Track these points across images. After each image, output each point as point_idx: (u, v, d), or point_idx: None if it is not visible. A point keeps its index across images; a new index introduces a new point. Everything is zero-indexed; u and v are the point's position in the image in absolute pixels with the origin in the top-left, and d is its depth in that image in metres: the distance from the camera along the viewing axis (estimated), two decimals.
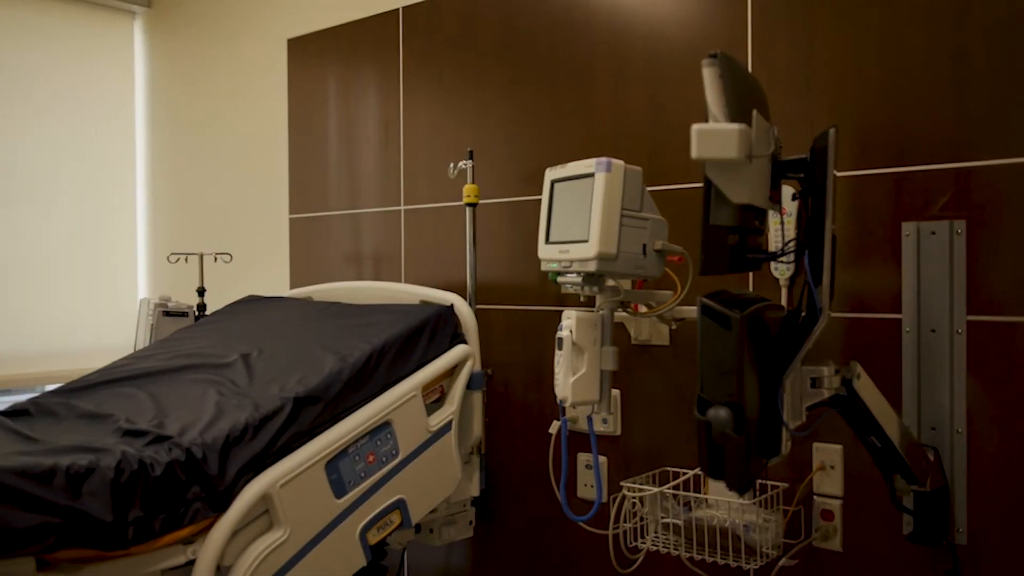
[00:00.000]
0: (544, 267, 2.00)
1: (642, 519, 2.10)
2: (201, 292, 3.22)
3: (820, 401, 1.67)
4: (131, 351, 3.56)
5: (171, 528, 1.68)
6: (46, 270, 3.69)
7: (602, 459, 2.42)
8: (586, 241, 1.85)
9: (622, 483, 2.12)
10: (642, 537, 2.10)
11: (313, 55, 3.25)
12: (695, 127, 1.32)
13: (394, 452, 2.11)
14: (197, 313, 3.17)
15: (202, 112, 3.76)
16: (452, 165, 2.69)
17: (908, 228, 1.91)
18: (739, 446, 1.47)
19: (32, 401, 2.15)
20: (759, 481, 2.07)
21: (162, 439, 1.75)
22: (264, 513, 1.86)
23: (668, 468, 2.28)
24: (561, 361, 1.96)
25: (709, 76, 1.40)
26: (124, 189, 3.97)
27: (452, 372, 2.34)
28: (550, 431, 2.49)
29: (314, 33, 3.24)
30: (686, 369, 2.29)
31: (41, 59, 3.70)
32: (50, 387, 2.79)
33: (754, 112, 1.40)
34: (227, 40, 3.64)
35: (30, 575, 1.53)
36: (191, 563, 1.73)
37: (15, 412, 2.09)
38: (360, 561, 2.03)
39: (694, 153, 1.33)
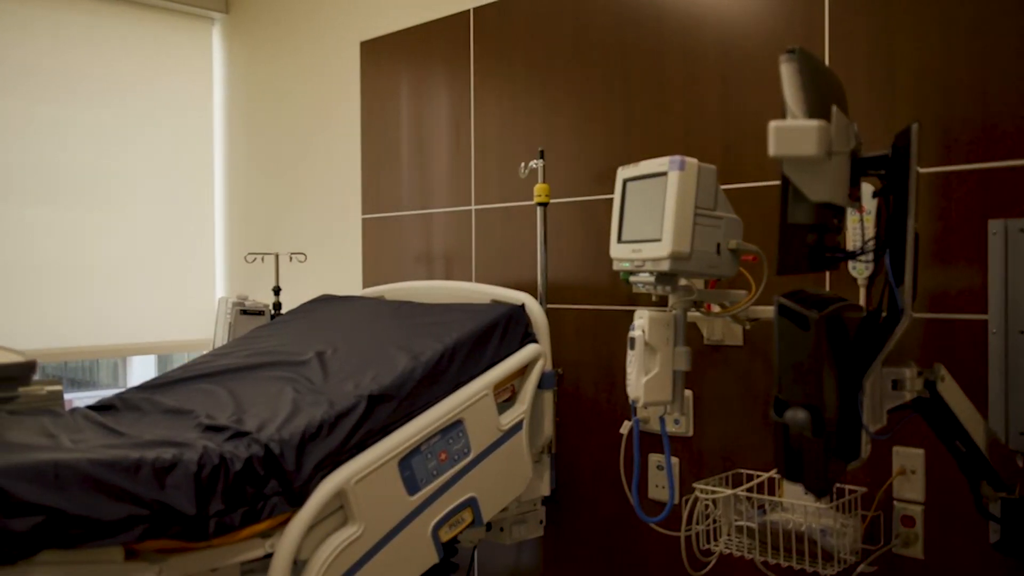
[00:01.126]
0: (616, 266, 1.99)
1: (715, 521, 2.07)
2: (277, 291, 3.29)
3: (901, 404, 1.62)
4: (210, 348, 3.66)
5: (250, 522, 1.71)
6: (130, 269, 3.81)
7: (674, 460, 2.40)
8: (659, 240, 1.83)
9: (695, 484, 2.09)
10: (715, 539, 2.07)
11: (385, 57, 3.29)
12: (773, 124, 1.29)
13: (466, 450, 2.13)
14: (273, 312, 3.23)
15: (277, 115, 3.84)
16: (523, 165, 2.70)
17: (995, 226, 1.85)
18: (818, 448, 1.44)
19: (118, 396, 2.23)
20: (836, 485, 2.03)
21: (241, 435, 1.79)
22: (339, 509, 1.88)
23: (741, 470, 2.25)
24: (633, 361, 1.95)
25: (787, 72, 1.37)
26: (203, 191, 4.08)
27: (523, 371, 2.34)
28: (621, 431, 2.48)
29: (386, 35, 3.28)
30: (760, 370, 2.26)
31: (125, 67, 3.82)
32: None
33: (833, 108, 1.37)
34: (301, 44, 3.71)
35: (119, 564, 1.58)
36: (269, 556, 1.77)
37: (102, 407, 2.16)
38: (432, 558, 2.05)
39: (772, 151, 1.31)
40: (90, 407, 2.16)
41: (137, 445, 1.70)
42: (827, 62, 2.11)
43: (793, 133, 1.32)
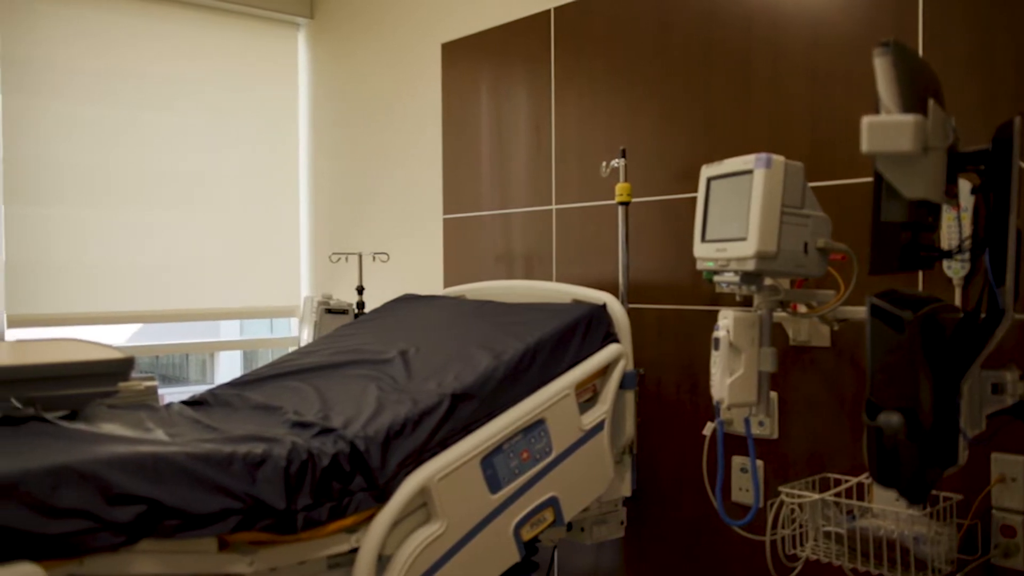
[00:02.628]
0: (700, 266, 1.97)
1: (801, 526, 2.03)
2: (360, 290, 3.35)
3: (1002, 409, 1.57)
4: (296, 346, 3.75)
5: (336, 517, 1.74)
6: (219, 268, 3.93)
7: (758, 463, 2.36)
8: (744, 239, 1.81)
9: (780, 488, 2.05)
10: (801, 545, 2.03)
11: (466, 58, 3.32)
12: (866, 119, 1.26)
13: (547, 450, 2.13)
14: (356, 311, 3.29)
15: (360, 117, 3.90)
16: (604, 164, 2.69)
17: None
18: (914, 453, 1.40)
19: (210, 392, 2.30)
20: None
21: (328, 431, 1.83)
22: (422, 506, 1.91)
23: (829, 475, 2.20)
24: (717, 362, 1.92)
25: (881, 65, 1.34)
26: (289, 192, 4.18)
27: (605, 371, 2.33)
28: (704, 432, 2.44)
29: (467, 37, 3.31)
30: (848, 372, 2.20)
31: (214, 72, 3.94)
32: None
33: (930, 102, 1.33)
34: (384, 47, 3.77)
35: (213, 554, 1.63)
36: (354, 551, 1.80)
37: (195, 402, 2.23)
38: (514, 557, 2.05)
39: (865, 147, 1.27)
40: (184, 402, 2.23)
41: (229, 440, 1.75)
42: (922, 54, 2.05)
43: (888, 128, 1.29)
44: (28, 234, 3.44)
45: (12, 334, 3.40)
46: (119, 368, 1.91)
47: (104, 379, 1.91)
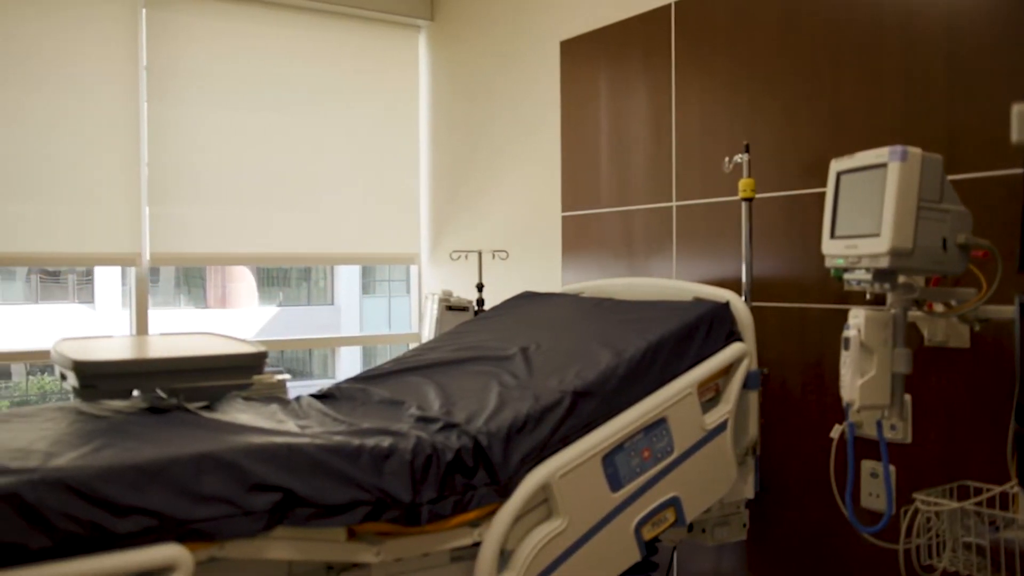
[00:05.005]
0: (828, 263, 1.91)
1: (938, 536, 1.94)
2: (480, 287, 3.39)
3: None
4: (416, 343, 3.83)
5: (459, 510, 1.77)
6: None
7: (890, 468, 2.27)
8: (877, 235, 1.74)
9: (915, 495, 1.97)
10: (937, 555, 1.94)
11: (585, 55, 3.31)
12: (1017, 107, 1.20)
13: (669, 449, 2.10)
14: (476, 308, 3.33)
15: (479, 115, 3.95)
16: (727, 159, 2.63)
17: None
18: None
19: (336, 386, 2.37)
20: None
21: (451, 426, 1.86)
22: (543, 502, 1.91)
23: (968, 482, 2.09)
24: (848, 362, 1.86)
25: None
26: (410, 191, 4.28)
27: (727, 370, 2.29)
28: (831, 435, 2.36)
29: (586, 34, 3.30)
30: (990, 375, 2.09)
31: (339, 75, 4.06)
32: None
33: None
34: (503, 46, 3.80)
35: (342, 543, 1.68)
36: (476, 545, 1.83)
37: (323, 395, 2.31)
38: (634, 556, 2.04)
39: (1015, 136, 1.21)
40: (312, 395, 2.31)
41: (357, 433, 1.80)
42: None
43: None
44: (170, 233, 3.64)
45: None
46: (254, 362, 1.99)
47: (240, 372, 2.00)
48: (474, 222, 3.98)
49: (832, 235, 1.89)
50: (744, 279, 2.56)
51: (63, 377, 1.93)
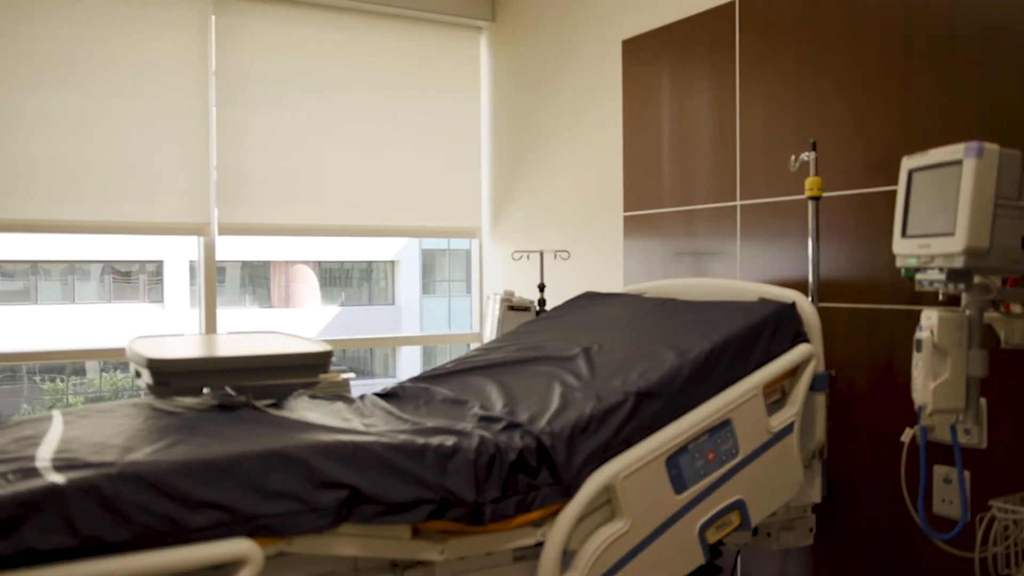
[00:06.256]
0: (899, 262, 1.87)
1: (1015, 544, 1.88)
2: (541, 288, 3.39)
3: None
4: (477, 343, 3.85)
5: (522, 510, 1.77)
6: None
7: (965, 474, 2.20)
8: (951, 234, 1.70)
9: (992, 502, 1.91)
10: (1015, 565, 1.88)
11: (647, 54, 3.29)
12: None
13: (734, 451, 2.08)
14: (537, 308, 3.34)
15: (540, 115, 3.95)
16: (793, 158, 2.59)
17: None
18: None
19: (400, 385, 2.39)
20: None
21: (514, 426, 1.86)
22: (606, 503, 1.91)
23: None
24: (920, 364, 1.82)
25: None
26: (471, 191, 4.30)
27: (794, 372, 2.25)
28: (902, 439, 2.31)
29: (648, 33, 3.28)
30: None
31: (399, 77, 4.11)
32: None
33: None
34: (564, 46, 3.79)
35: (407, 541, 1.70)
36: (539, 545, 1.83)
37: (387, 394, 2.33)
38: (698, 559, 2.02)
39: None
40: (377, 394, 2.34)
41: (421, 431, 1.82)
42: None
43: None
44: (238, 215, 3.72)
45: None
46: (320, 360, 2.02)
47: (307, 371, 2.03)
48: (535, 222, 3.99)
49: (903, 234, 1.85)
50: (811, 279, 2.52)
51: (137, 374, 1.99)
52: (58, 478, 1.42)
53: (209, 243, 3.67)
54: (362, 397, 2.30)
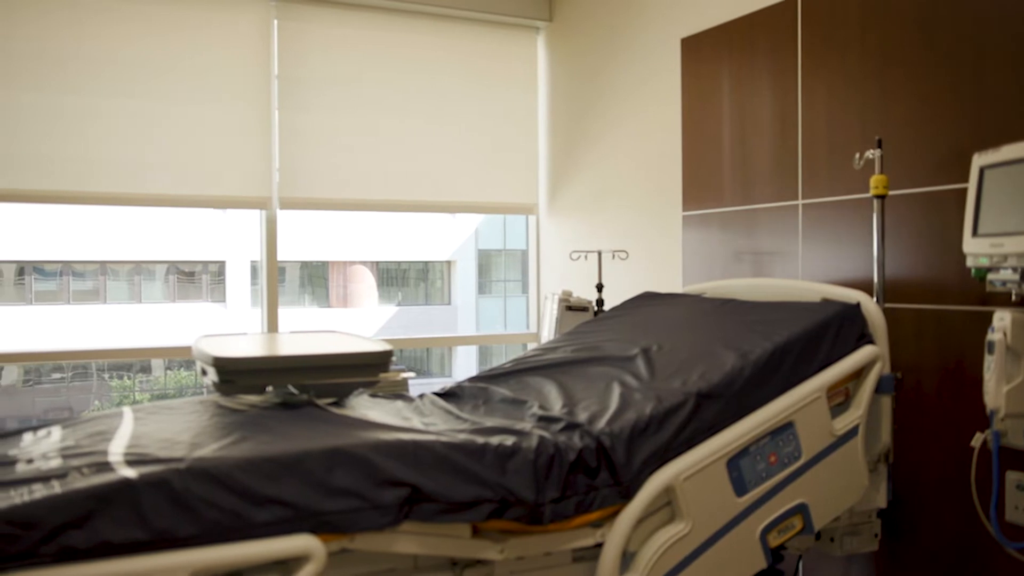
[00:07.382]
0: (970, 262, 1.82)
1: None
2: (599, 288, 3.38)
3: None
4: (534, 342, 3.85)
5: (582, 511, 1.77)
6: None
7: None
8: None
9: None
10: None
11: (706, 52, 3.26)
12: None
13: (796, 454, 2.05)
14: (596, 308, 3.32)
15: (599, 115, 3.94)
16: (857, 155, 2.54)
17: None
18: None
19: (458, 385, 2.40)
20: None
21: (574, 426, 1.86)
22: (666, 505, 1.89)
23: None
24: (992, 367, 1.77)
25: None
26: (528, 192, 4.30)
27: (858, 374, 2.20)
28: (972, 444, 2.25)
29: (707, 31, 3.25)
30: None
31: (457, 77, 4.13)
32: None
33: None
34: (622, 45, 3.78)
35: (466, 539, 1.71)
36: (599, 546, 1.82)
37: (446, 394, 2.35)
38: (760, 563, 1.99)
39: None
40: (435, 393, 2.35)
41: (480, 431, 1.83)
42: None
43: None
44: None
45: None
46: (381, 360, 2.04)
47: (368, 370, 2.05)
48: (594, 221, 3.97)
49: (975, 233, 1.80)
50: (876, 279, 2.46)
51: (203, 372, 2.03)
52: (130, 472, 1.46)
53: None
54: (421, 396, 2.32)
